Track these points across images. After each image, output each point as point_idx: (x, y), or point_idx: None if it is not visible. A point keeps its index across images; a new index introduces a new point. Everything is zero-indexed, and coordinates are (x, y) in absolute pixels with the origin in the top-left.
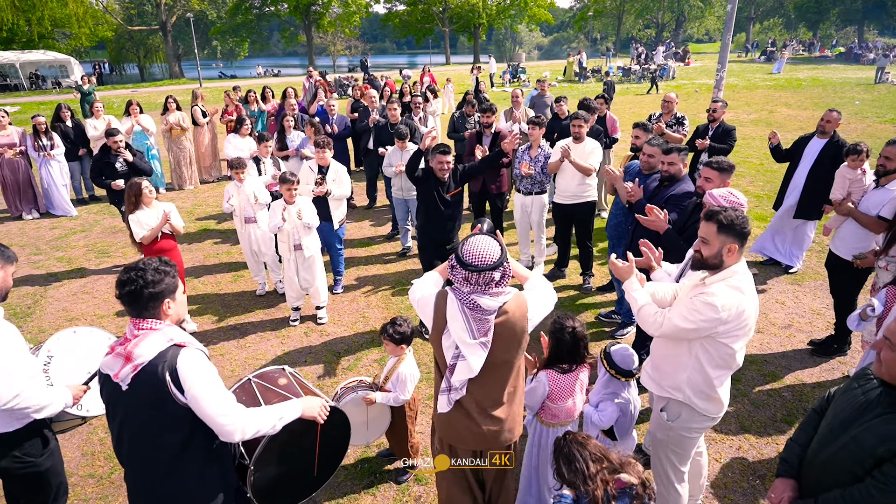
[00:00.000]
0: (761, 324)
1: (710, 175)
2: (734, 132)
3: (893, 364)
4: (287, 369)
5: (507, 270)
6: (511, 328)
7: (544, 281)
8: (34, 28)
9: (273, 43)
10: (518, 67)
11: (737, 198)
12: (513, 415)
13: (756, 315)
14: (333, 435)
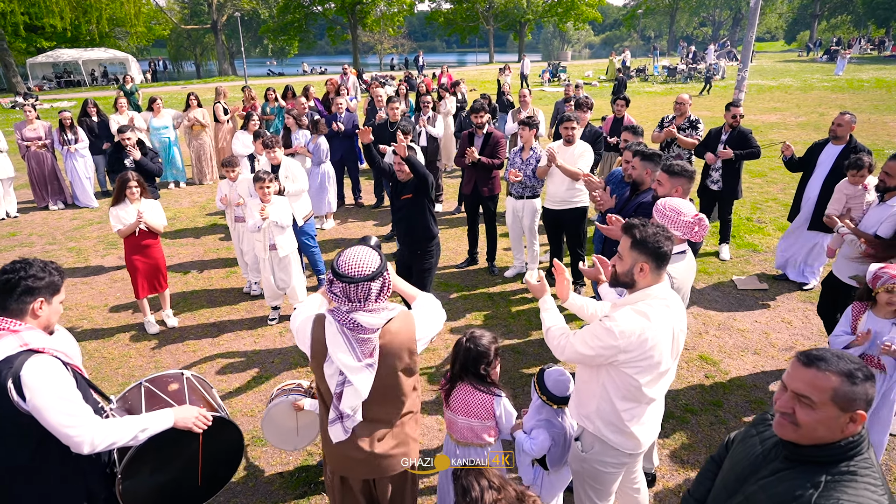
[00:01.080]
0: (759, 345)
1: (661, 179)
2: (751, 136)
3: (813, 425)
4: (186, 374)
5: (386, 282)
6: (398, 348)
7: (432, 299)
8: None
9: (324, 41)
10: (558, 67)
11: (677, 209)
12: (407, 438)
13: (670, 347)
14: (223, 446)
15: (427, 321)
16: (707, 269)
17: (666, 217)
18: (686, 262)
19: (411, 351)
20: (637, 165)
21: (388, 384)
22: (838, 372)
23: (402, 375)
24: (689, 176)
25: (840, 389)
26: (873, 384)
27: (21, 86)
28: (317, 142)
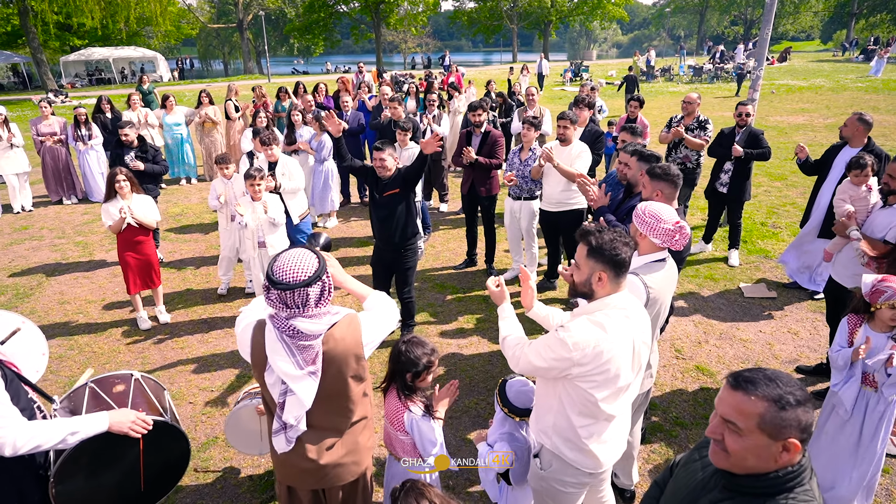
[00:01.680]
0: (762, 356)
1: (644, 181)
2: (763, 137)
3: (742, 453)
4: (135, 375)
5: (326, 287)
6: (343, 354)
7: (384, 300)
8: (122, 26)
9: (350, 40)
10: (580, 66)
11: (657, 215)
12: (358, 447)
13: (629, 360)
14: (168, 451)
15: (375, 324)
16: (713, 276)
17: (645, 223)
18: (665, 271)
19: (358, 356)
20: (633, 165)
21: (334, 391)
22: (765, 396)
23: (351, 382)
24: (671, 180)
25: (767, 416)
26: (808, 409)
27: (52, 83)
28: (320, 139)
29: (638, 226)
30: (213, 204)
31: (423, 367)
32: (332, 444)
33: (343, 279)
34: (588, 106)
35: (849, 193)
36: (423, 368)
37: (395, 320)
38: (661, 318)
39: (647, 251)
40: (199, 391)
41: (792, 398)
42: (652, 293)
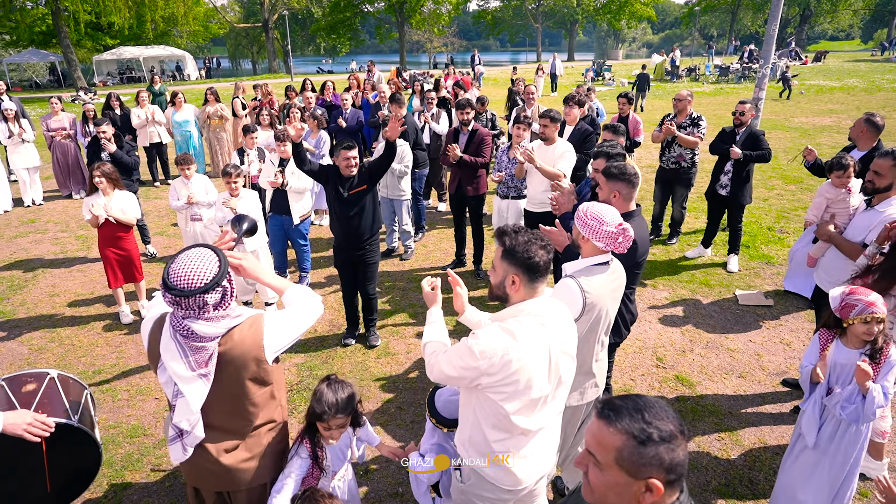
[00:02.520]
0: (748, 367)
1: (600, 182)
2: (764, 137)
3: (602, 490)
4: (52, 374)
5: (227, 292)
6: (240, 357)
7: (304, 294)
8: (154, 25)
9: (375, 40)
10: (603, 66)
11: (599, 217)
12: (263, 451)
13: (545, 371)
14: (76, 453)
15: (284, 325)
16: (709, 281)
17: (587, 226)
18: (606, 275)
19: (258, 359)
20: (600, 167)
21: (232, 394)
22: (625, 429)
23: (251, 385)
24: (627, 179)
25: (625, 450)
26: (673, 447)
27: (82, 81)
28: (318, 136)
29: (580, 228)
30: (174, 204)
31: (330, 415)
32: (234, 446)
33: (258, 273)
34: (578, 104)
35: (826, 196)
36: (330, 417)
37: (315, 315)
38: (604, 325)
39: (589, 254)
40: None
41: (656, 433)
42: (589, 298)
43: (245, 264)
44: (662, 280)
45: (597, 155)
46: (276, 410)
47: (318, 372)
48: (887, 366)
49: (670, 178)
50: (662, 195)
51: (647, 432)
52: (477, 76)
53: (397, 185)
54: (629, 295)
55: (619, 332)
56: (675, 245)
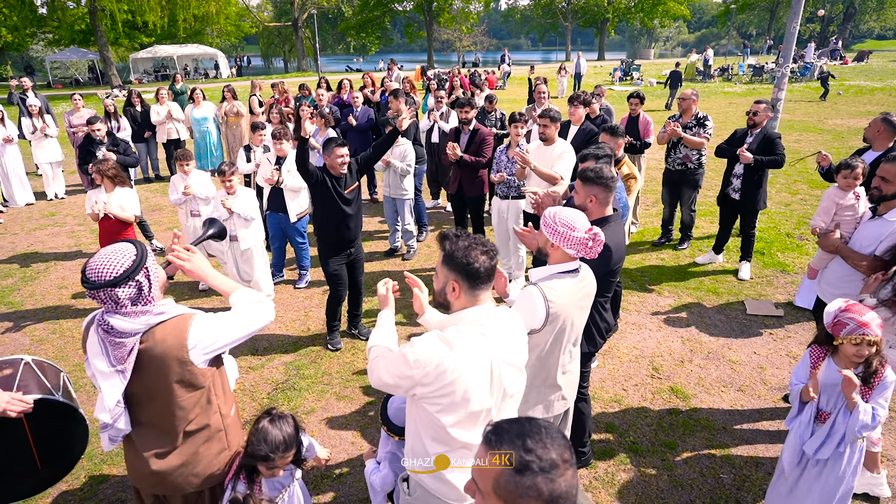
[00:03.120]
0: (749, 381)
1: (576, 186)
2: (779, 141)
3: None
4: (26, 359)
5: (143, 288)
6: (161, 356)
7: (250, 299)
8: (186, 24)
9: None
10: (631, 65)
11: (569, 223)
12: (198, 458)
13: (486, 383)
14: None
15: (216, 328)
16: (717, 289)
17: (557, 233)
18: (573, 283)
19: (181, 360)
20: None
21: (156, 394)
22: (504, 456)
23: (177, 387)
24: (604, 183)
25: (501, 478)
26: (553, 478)
27: (116, 79)
28: (325, 134)
29: (549, 236)
30: (173, 198)
31: (267, 459)
32: (167, 451)
33: (205, 273)
34: (583, 104)
35: (834, 200)
36: (268, 459)
37: (260, 322)
38: (570, 336)
39: (557, 261)
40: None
41: (536, 463)
42: (553, 308)
43: (189, 266)
44: (668, 286)
45: (584, 157)
46: (212, 417)
47: (305, 371)
48: (880, 387)
49: (677, 179)
50: (671, 197)
51: (525, 461)
52: (503, 75)
53: (399, 183)
54: (603, 303)
55: (592, 341)
56: (685, 250)
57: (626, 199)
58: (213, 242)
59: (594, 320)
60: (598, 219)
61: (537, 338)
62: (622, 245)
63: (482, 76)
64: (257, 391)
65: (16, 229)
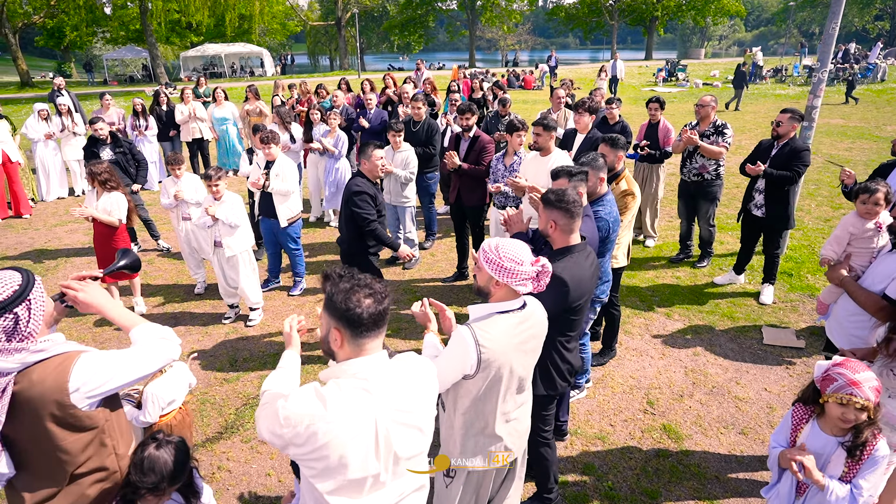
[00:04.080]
0: (753, 422)
1: (540, 210)
2: (805, 154)
3: None
4: None
5: (20, 321)
6: (38, 399)
7: (151, 336)
8: (226, 24)
9: (447, 37)
10: (676, 65)
11: (516, 257)
12: (87, 498)
13: (371, 447)
14: None
15: (106, 368)
16: (734, 313)
17: (503, 269)
18: (514, 325)
19: (62, 404)
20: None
21: (35, 437)
22: None
23: (56, 429)
24: (566, 208)
25: None
26: None
27: (164, 76)
28: (335, 135)
29: (491, 272)
30: (165, 203)
31: (156, 489)
32: (51, 493)
33: (101, 305)
34: (589, 111)
35: (849, 229)
36: (151, 490)
37: (161, 360)
38: (510, 383)
39: (500, 299)
40: None
41: None
42: (486, 354)
43: (83, 297)
44: (679, 308)
45: (556, 174)
46: (107, 459)
47: None
48: (869, 463)
49: (693, 191)
50: (687, 211)
51: None
52: (541, 75)
53: (401, 191)
54: (565, 342)
55: (552, 384)
56: (704, 268)
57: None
58: (204, 245)
59: (553, 361)
60: (560, 248)
61: (470, 384)
62: (585, 279)
63: (519, 76)
64: (226, 406)
65: (38, 224)
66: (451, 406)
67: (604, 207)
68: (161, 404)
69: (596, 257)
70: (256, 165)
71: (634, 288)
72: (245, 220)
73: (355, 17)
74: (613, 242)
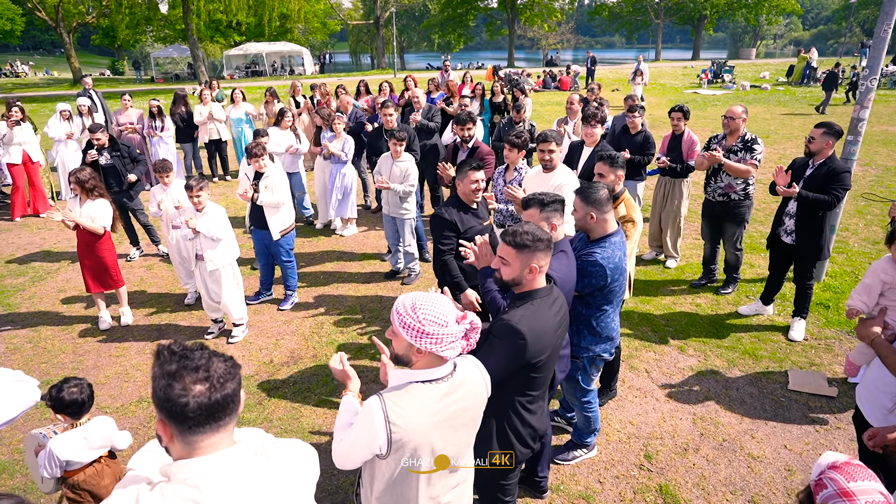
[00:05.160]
0: (769, 487)
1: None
2: (846, 176)
3: None
4: None
5: None
6: None
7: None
8: (266, 23)
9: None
10: (723, 66)
11: (439, 319)
12: None
13: None
14: None
15: None
16: (757, 351)
17: (424, 335)
18: (436, 395)
19: None
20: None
21: None
22: None
23: None
24: (521, 244)
25: None
26: None
27: (204, 75)
28: (341, 139)
29: (412, 339)
30: (153, 212)
31: None
32: None
33: None
34: (601, 122)
35: (881, 276)
36: None
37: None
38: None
39: (424, 366)
40: (97, 410)
41: None
42: (397, 433)
43: None
44: (695, 342)
45: (527, 203)
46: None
47: (247, 413)
48: None
49: (718, 212)
50: (712, 233)
51: None
52: (573, 77)
53: (399, 203)
54: (526, 403)
55: (509, 447)
56: (729, 295)
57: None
58: (184, 256)
59: (512, 425)
60: (520, 292)
61: (384, 465)
62: (548, 331)
63: (556, 76)
64: None
65: (52, 224)
66: (368, 487)
67: (603, 250)
68: (54, 466)
69: (564, 304)
70: (245, 176)
71: (647, 315)
72: (228, 232)
73: (394, 16)
74: (617, 294)
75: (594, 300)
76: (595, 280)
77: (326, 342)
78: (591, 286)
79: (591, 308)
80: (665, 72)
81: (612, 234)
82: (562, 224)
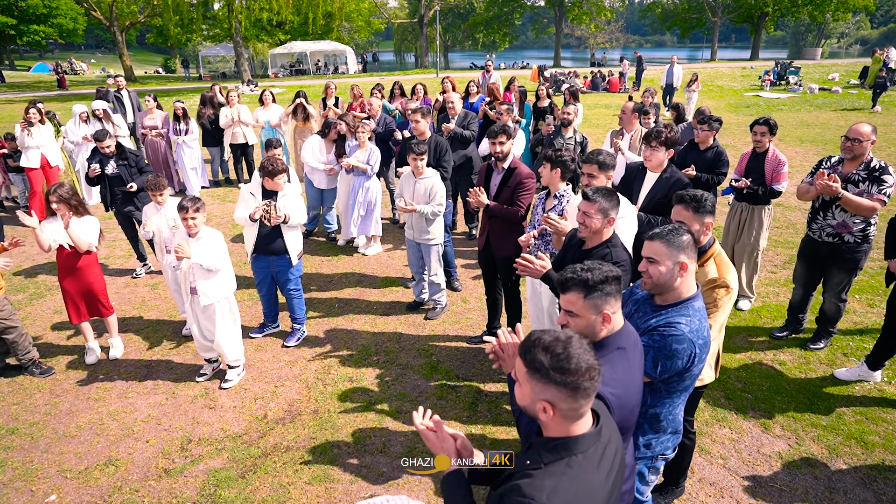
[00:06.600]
0: None
1: None
2: None
3: None
4: None
5: None
6: None
7: None
8: (311, 22)
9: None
10: (788, 67)
11: None
12: None
13: None
14: None
15: None
16: (867, 434)
17: None
18: None
19: None
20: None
21: None
22: None
23: None
24: (568, 382)
25: None
26: None
27: (246, 74)
28: (365, 148)
29: None
30: (144, 234)
31: None
32: None
33: None
34: (666, 144)
35: None
36: None
37: None
38: None
39: None
40: (57, 474)
41: None
42: None
43: None
44: (783, 417)
45: (565, 284)
46: None
47: (224, 490)
48: None
49: (824, 254)
50: (809, 277)
51: None
52: (619, 77)
53: (425, 227)
54: None
55: None
56: (821, 352)
57: (706, 337)
58: (180, 283)
59: None
60: (554, 440)
61: None
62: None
63: (605, 77)
64: None
65: None
66: None
67: (689, 320)
68: None
69: (620, 450)
70: (251, 195)
71: (719, 376)
72: (226, 261)
73: (438, 15)
74: (695, 377)
75: (667, 386)
76: (680, 362)
77: (332, 393)
78: (672, 370)
79: (660, 396)
80: (722, 73)
81: (693, 299)
82: (617, 311)
